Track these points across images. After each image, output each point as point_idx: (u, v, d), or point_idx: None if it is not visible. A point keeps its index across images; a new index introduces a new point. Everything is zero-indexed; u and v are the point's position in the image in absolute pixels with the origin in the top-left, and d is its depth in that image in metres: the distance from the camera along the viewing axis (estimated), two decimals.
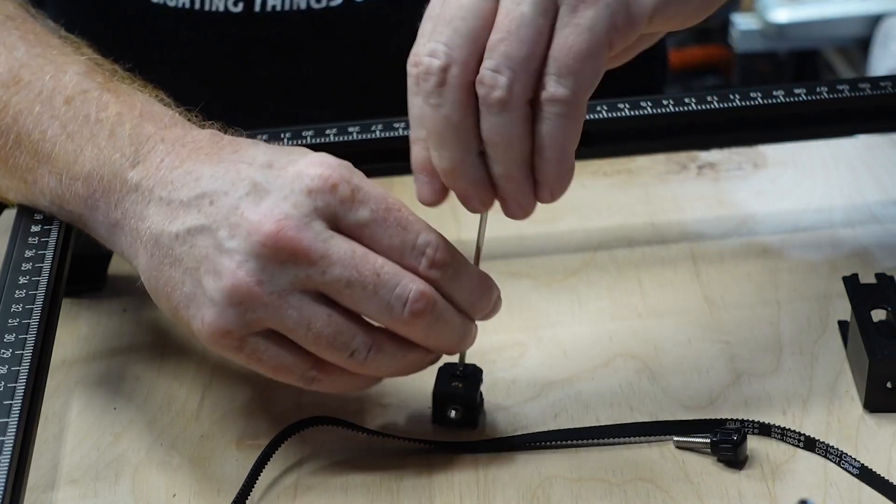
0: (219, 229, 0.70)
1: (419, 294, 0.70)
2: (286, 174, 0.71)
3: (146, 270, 0.73)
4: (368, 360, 0.71)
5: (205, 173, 0.72)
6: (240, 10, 0.99)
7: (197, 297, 0.70)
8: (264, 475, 0.74)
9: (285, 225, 0.69)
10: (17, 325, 0.74)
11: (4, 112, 0.78)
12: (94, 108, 0.77)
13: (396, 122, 0.87)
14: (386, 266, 0.69)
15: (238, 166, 0.72)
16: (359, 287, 0.69)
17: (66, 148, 0.76)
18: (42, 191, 0.78)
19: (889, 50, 2.03)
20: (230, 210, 0.70)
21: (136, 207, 0.74)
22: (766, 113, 0.89)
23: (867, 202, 0.93)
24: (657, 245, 0.90)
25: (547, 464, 0.74)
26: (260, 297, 0.69)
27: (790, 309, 0.84)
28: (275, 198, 0.70)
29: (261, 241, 0.69)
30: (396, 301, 0.69)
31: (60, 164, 0.76)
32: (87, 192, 0.76)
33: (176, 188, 0.72)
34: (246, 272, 0.69)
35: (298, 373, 0.72)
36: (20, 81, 0.79)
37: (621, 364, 0.80)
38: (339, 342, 0.70)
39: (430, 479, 0.74)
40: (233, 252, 0.69)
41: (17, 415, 0.70)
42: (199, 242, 0.70)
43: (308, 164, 0.71)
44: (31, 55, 0.80)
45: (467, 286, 0.72)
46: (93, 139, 0.76)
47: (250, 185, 0.71)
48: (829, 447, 0.73)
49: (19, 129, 0.78)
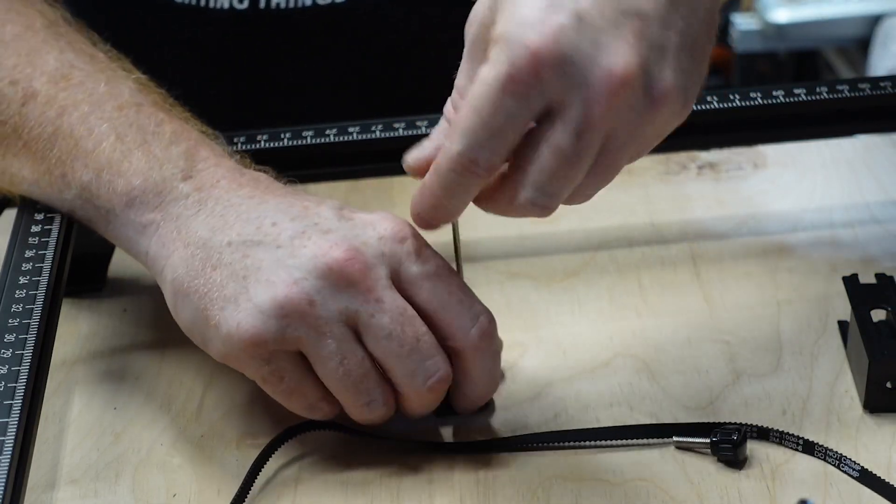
0: (279, 247, 0.70)
1: (445, 375, 0.71)
2: (357, 220, 0.72)
3: (180, 267, 0.72)
4: (375, 412, 0.72)
5: (269, 201, 0.73)
6: (245, 6, 0.99)
7: (238, 301, 0.70)
8: (264, 473, 0.74)
9: (355, 256, 0.70)
10: (18, 325, 0.74)
11: (49, 105, 0.78)
12: (151, 122, 0.77)
13: (396, 123, 0.87)
14: (427, 336, 0.71)
15: (306, 204, 0.73)
16: (397, 343, 0.70)
17: (113, 146, 0.76)
18: (70, 184, 0.77)
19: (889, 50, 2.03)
20: (295, 234, 0.71)
21: (184, 212, 0.74)
22: (766, 113, 0.89)
23: (867, 202, 0.93)
24: (657, 245, 0.90)
25: (547, 464, 0.74)
26: (308, 316, 0.69)
27: (790, 309, 0.84)
28: (344, 234, 0.71)
29: (328, 263, 0.69)
30: (422, 372, 0.71)
31: (103, 160, 0.76)
32: (128, 188, 0.75)
33: (234, 206, 0.73)
34: (301, 288, 0.69)
35: (310, 401, 0.72)
36: (70, 80, 0.79)
37: (621, 364, 0.80)
38: (362, 386, 0.71)
39: (430, 478, 0.74)
40: (292, 268, 0.70)
41: (17, 415, 0.70)
42: (254, 254, 0.71)
43: (381, 218, 0.72)
44: (83, 60, 0.80)
45: (492, 371, 0.74)
46: (145, 146, 0.76)
47: (319, 219, 0.71)
48: (829, 450, 0.73)
49: (61, 123, 0.78)
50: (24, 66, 0.79)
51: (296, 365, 0.71)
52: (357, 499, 0.73)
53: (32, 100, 0.78)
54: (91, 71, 0.80)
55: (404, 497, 0.73)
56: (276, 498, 0.73)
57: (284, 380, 0.71)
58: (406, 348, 0.70)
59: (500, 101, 0.64)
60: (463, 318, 0.71)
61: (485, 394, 0.75)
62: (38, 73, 0.79)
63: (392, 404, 0.73)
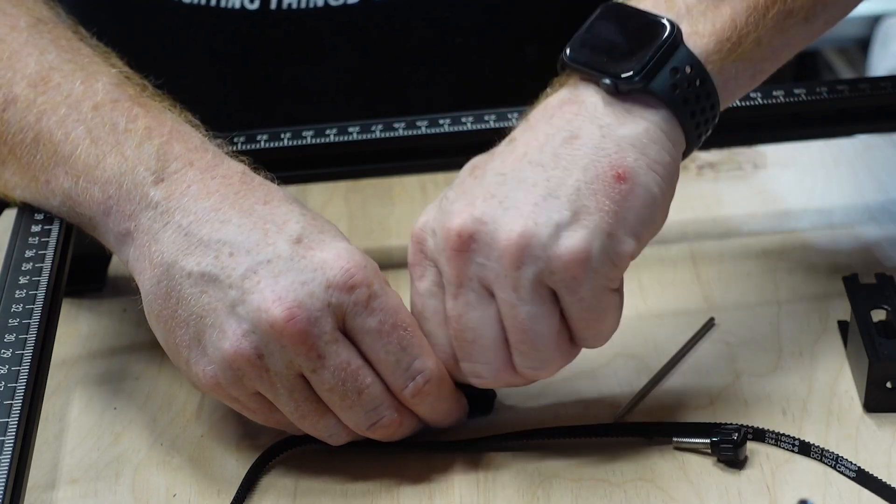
0: (231, 287, 0.71)
1: (389, 421, 0.73)
2: (312, 259, 0.72)
3: (150, 293, 0.73)
4: (339, 441, 0.74)
5: (232, 220, 0.73)
6: (256, 6, 0.99)
7: (201, 344, 0.72)
8: (264, 472, 0.74)
9: (296, 314, 0.70)
10: (18, 325, 0.74)
11: (28, 110, 0.78)
12: (123, 119, 0.77)
13: (396, 123, 0.87)
14: (372, 388, 0.72)
15: (267, 227, 0.73)
16: (338, 397, 0.71)
17: (88, 152, 0.76)
18: (54, 191, 0.78)
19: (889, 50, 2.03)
20: (248, 271, 0.71)
21: (153, 225, 0.74)
22: (766, 113, 0.88)
23: (867, 202, 0.93)
24: (657, 245, 0.90)
25: (547, 464, 0.74)
26: (257, 369, 0.71)
27: (790, 309, 0.84)
28: (293, 280, 0.71)
29: (269, 321, 0.70)
30: (366, 419, 0.72)
31: (80, 167, 0.76)
32: (103, 196, 0.75)
33: (199, 222, 0.73)
34: (249, 343, 0.70)
35: (283, 425, 0.74)
36: (49, 82, 0.79)
37: (621, 364, 0.80)
38: (321, 425, 0.73)
39: (429, 479, 0.74)
40: (241, 319, 0.70)
41: (17, 415, 0.70)
42: (210, 292, 0.71)
43: (336, 257, 0.72)
44: (63, 59, 0.80)
45: (441, 410, 0.75)
46: (118, 147, 0.76)
47: (274, 254, 0.71)
48: (825, 451, 0.73)
49: (41, 128, 0.77)
50: (5, 70, 0.79)
51: (261, 402, 0.73)
52: (357, 499, 0.73)
53: (13, 105, 0.78)
54: (70, 70, 0.79)
55: (404, 497, 0.73)
56: (277, 498, 0.73)
57: (256, 413, 0.74)
58: (347, 402, 0.71)
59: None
60: (397, 377, 0.72)
61: (446, 424, 0.76)
62: (18, 78, 0.79)
63: (343, 437, 0.74)
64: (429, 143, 0.87)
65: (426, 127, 0.87)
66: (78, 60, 0.80)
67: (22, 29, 0.81)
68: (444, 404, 0.74)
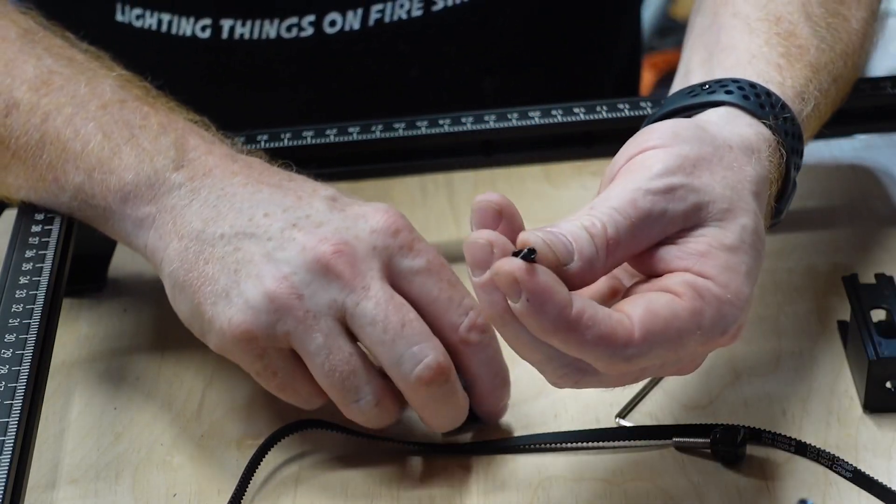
0: (270, 240, 0.71)
1: (434, 362, 0.70)
2: (350, 211, 0.72)
3: (175, 260, 0.72)
4: (366, 411, 0.72)
5: (263, 189, 0.73)
6: (207, 35, 0.97)
7: (230, 296, 0.70)
8: (264, 472, 0.74)
9: (344, 250, 0.70)
10: (18, 325, 0.74)
11: (32, 113, 0.78)
12: (136, 116, 0.77)
13: (396, 123, 0.87)
14: (415, 323, 0.70)
15: (300, 193, 0.73)
16: (380, 329, 0.70)
17: (102, 146, 0.76)
18: (63, 188, 0.78)
19: (889, 50, 2.03)
20: (286, 225, 0.71)
21: (178, 203, 0.74)
22: None
23: (867, 202, 0.93)
24: None
25: (547, 464, 0.74)
26: (296, 311, 0.69)
27: (790, 309, 0.83)
28: (336, 227, 0.71)
29: (317, 256, 0.69)
30: (410, 358, 0.70)
31: (93, 160, 0.76)
32: (121, 184, 0.75)
33: (228, 196, 0.73)
34: (290, 283, 0.70)
35: (303, 396, 0.73)
36: (51, 85, 0.79)
37: None
38: (349, 383, 0.71)
39: (429, 479, 0.74)
40: (281, 262, 0.70)
41: (17, 415, 0.70)
42: (246, 247, 0.71)
43: (374, 209, 0.72)
44: (61, 64, 0.80)
45: (492, 366, 0.73)
46: (133, 140, 0.76)
47: (312, 209, 0.71)
48: (822, 451, 0.73)
49: (47, 128, 0.78)
50: (3, 77, 0.79)
51: (287, 361, 0.71)
52: (357, 499, 0.73)
53: (15, 109, 0.78)
54: (71, 73, 0.79)
55: (404, 497, 0.73)
56: (276, 498, 0.73)
57: (277, 375, 0.72)
58: (390, 335, 0.70)
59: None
60: (451, 314, 0.71)
61: (493, 389, 0.74)
62: (17, 83, 0.79)
63: (389, 406, 0.72)
64: (429, 143, 0.87)
65: (426, 127, 0.87)
66: (76, 65, 0.80)
67: (13, 39, 0.81)
68: (495, 358, 0.74)
